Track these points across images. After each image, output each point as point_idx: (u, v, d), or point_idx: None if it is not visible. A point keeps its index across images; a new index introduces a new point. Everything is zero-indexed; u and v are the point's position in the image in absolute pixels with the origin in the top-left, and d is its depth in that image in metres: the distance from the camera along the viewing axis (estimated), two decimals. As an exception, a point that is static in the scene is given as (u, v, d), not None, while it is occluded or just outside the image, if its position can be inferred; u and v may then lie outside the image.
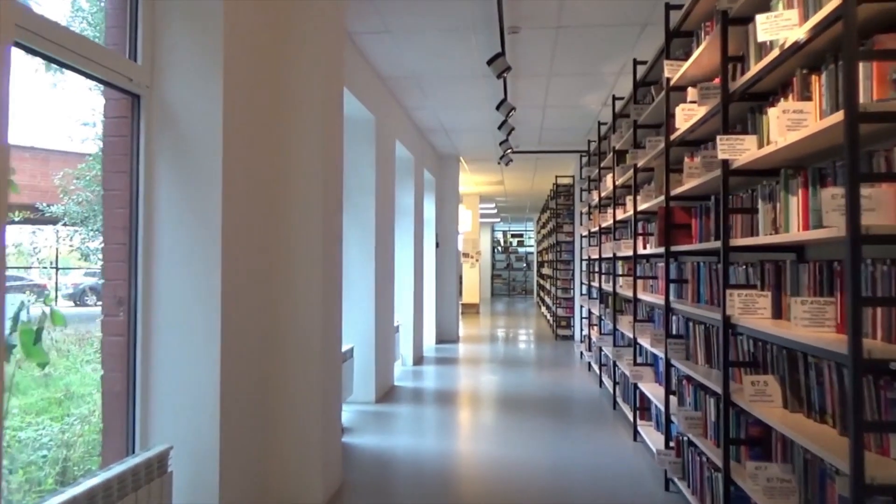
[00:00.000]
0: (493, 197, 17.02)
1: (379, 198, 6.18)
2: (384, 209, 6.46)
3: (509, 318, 15.83)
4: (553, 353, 9.49)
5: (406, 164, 8.21)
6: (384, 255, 6.46)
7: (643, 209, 4.68)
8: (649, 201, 4.45)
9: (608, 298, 6.29)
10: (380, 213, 6.23)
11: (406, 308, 8.19)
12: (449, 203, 10.82)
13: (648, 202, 4.48)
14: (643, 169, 4.77)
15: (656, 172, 4.19)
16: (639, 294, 4.87)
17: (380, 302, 6.21)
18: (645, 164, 4.65)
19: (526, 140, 9.21)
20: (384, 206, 6.45)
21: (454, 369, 8.03)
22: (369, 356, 5.98)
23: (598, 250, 7.03)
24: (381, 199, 6.26)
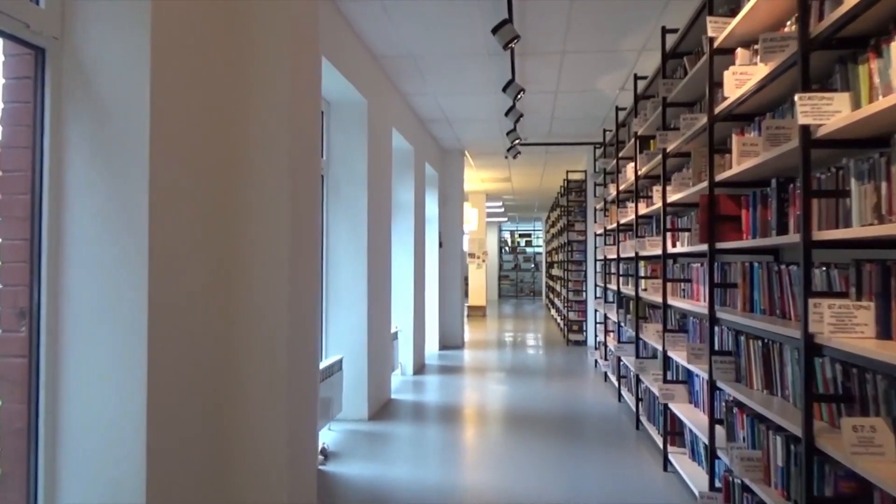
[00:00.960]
0: (500, 195, 16.36)
1: (373, 191, 5.54)
2: (379, 204, 5.81)
3: (517, 321, 15.17)
4: (565, 360, 8.82)
5: (405, 157, 7.57)
6: (380, 254, 5.82)
7: (674, 201, 4.01)
8: (682, 191, 3.79)
9: (629, 303, 5.63)
10: (374, 208, 5.59)
11: (405, 313, 7.54)
12: (453, 200, 10.18)
13: (681, 192, 3.82)
14: (674, 154, 4.10)
15: (694, 157, 3.53)
16: (669, 299, 4.20)
17: (374, 306, 5.57)
18: (676, 149, 3.99)
19: (535, 131, 8.55)
20: (379, 201, 5.81)
21: (458, 379, 7.38)
22: (361, 367, 5.33)
23: (616, 249, 6.36)
24: (375, 193, 5.61)
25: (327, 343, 5.30)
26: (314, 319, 3.33)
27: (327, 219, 5.33)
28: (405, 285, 7.53)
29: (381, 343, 5.91)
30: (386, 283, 6.13)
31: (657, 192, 4.48)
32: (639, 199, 5.21)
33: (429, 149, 8.79)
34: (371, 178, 5.47)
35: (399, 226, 7.54)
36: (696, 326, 3.90)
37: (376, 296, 5.67)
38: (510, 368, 8.23)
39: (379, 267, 5.78)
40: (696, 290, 3.95)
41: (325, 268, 5.30)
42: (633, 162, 5.35)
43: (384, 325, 6.04)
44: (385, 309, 6.09)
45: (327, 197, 5.33)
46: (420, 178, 8.09)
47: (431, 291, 9.47)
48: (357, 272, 5.31)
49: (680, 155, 4.10)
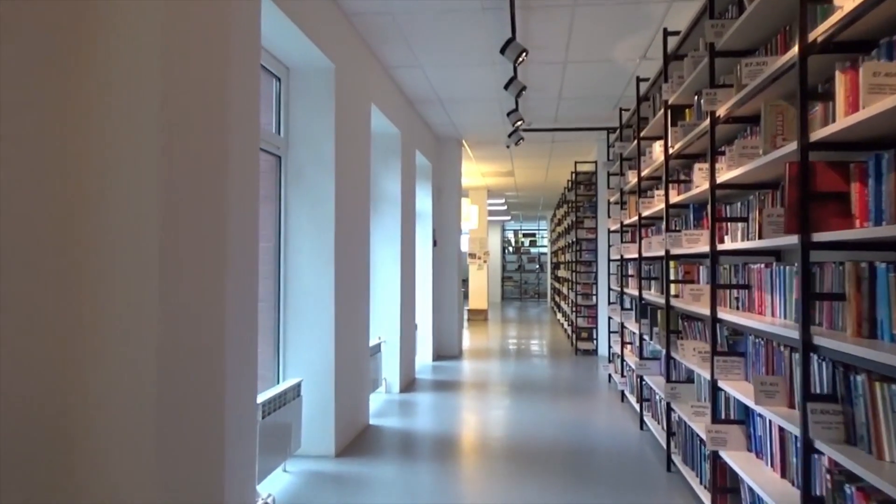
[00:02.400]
0: (503, 191, 15.35)
1: (344, 177, 4.55)
2: (353, 193, 4.82)
3: (521, 326, 14.16)
4: (573, 373, 7.81)
5: (390, 142, 6.57)
6: (353, 253, 4.82)
7: (729, 180, 3.01)
8: (743, 165, 2.79)
9: (655, 313, 4.62)
10: (345, 197, 4.60)
11: (391, 321, 6.54)
12: (449, 194, 9.17)
13: (741, 167, 2.82)
14: (727, 119, 3.10)
15: (766, 115, 2.52)
16: (720, 312, 3.19)
17: (345, 316, 4.57)
18: (729, 111, 2.98)
19: (540, 115, 7.55)
20: (353, 189, 4.82)
21: (451, 398, 6.37)
22: (326, 391, 4.33)
23: (637, 247, 5.36)
24: (347, 179, 4.62)
25: (284, 364, 4.30)
26: (219, 340, 2.34)
27: (285, 209, 4.33)
28: (390, 290, 6.53)
29: (356, 359, 4.91)
30: (362, 287, 5.13)
31: (700, 171, 3.46)
32: (670, 184, 4.20)
33: (420, 135, 7.79)
34: (341, 162, 4.48)
35: (383, 221, 6.54)
36: (759, 350, 2.89)
37: (348, 303, 4.68)
38: (512, 383, 7.22)
39: (352, 268, 4.79)
40: (760, 299, 2.94)
41: (283, 271, 4.31)
42: (662, 139, 4.34)
43: (359, 337, 5.04)
44: (361, 318, 5.10)
45: (285, 183, 4.34)
46: (409, 167, 7.09)
47: (424, 295, 8.48)
48: (322, 275, 4.31)
49: (736, 120, 3.10)
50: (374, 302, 6.49)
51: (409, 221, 7.14)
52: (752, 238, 2.99)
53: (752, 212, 3.04)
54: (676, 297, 4.24)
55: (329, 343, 4.31)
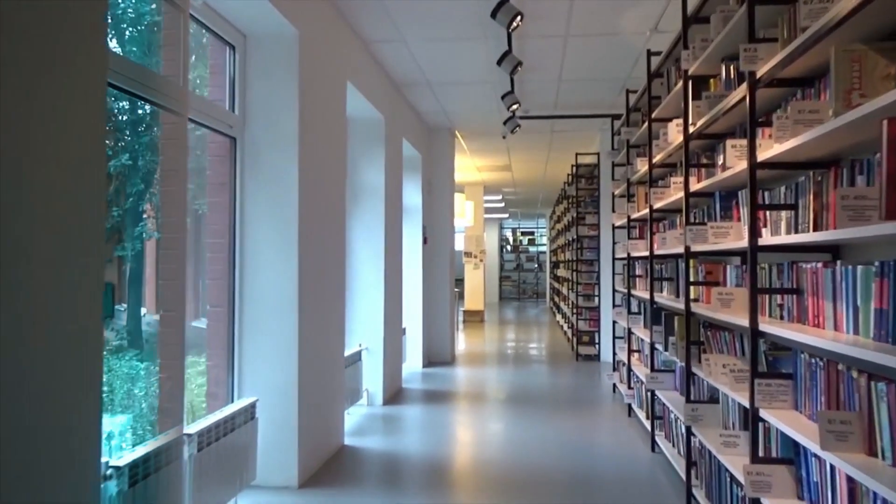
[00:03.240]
0: (500, 187, 14.73)
1: (310, 161, 3.93)
2: (323, 181, 4.21)
3: (519, 327, 13.54)
4: (575, 381, 7.19)
5: (372, 128, 5.95)
6: (324, 250, 4.21)
7: (773, 158, 2.40)
8: (798, 136, 2.17)
9: (671, 320, 3.99)
10: (312, 185, 3.98)
11: (373, 325, 5.92)
12: (441, 188, 8.55)
13: (793, 140, 2.20)
14: (772, 81, 2.49)
15: (837, 66, 1.89)
16: (764, 324, 2.56)
17: (313, 321, 3.96)
18: (774, 71, 2.37)
19: (538, 100, 6.93)
20: (324, 176, 4.20)
21: (439, 412, 5.75)
22: (288, 411, 3.70)
23: (647, 244, 4.74)
24: (314, 164, 4.01)
25: (240, 381, 3.67)
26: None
27: (241, 199, 3.70)
28: (372, 291, 5.91)
29: (327, 371, 4.29)
30: (336, 288, 4.51)
31: (734, 149, 2.83)
32: (690, 168, 3.59)
33: (408, 123, 7.16)
34: (307, 144, 3.86)
35: (364, 215, 5.92)
36: (816, 373, 2.27)
37: (317, 307, 4.06)
38: (509, 394, 6.60)
39: (323, 267, 4.17)
40: (815, 308, 2.33)
41: (238, 271, 3.68)
42: (680, 117, 3.72)
43: (332, 345, 4.42)
44: (334, 323, 4.48)
45: (241, 169, 3.71)
46: (395, 157, 6.47)
47: (413, 297, 7.86)
48: (283, 276, 3.69)
49: (783, 83, 2.49)
50: (354, 305, 5.87)
51: (395, 216, 6.52)
52: (804, 229, 2.37)
53: (802, 197, 2.42)
54: (696, 301, 3.62)
55: (291, 354, 3.68)
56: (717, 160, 3.37)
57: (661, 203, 4.27)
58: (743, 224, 2.94)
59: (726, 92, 3.07)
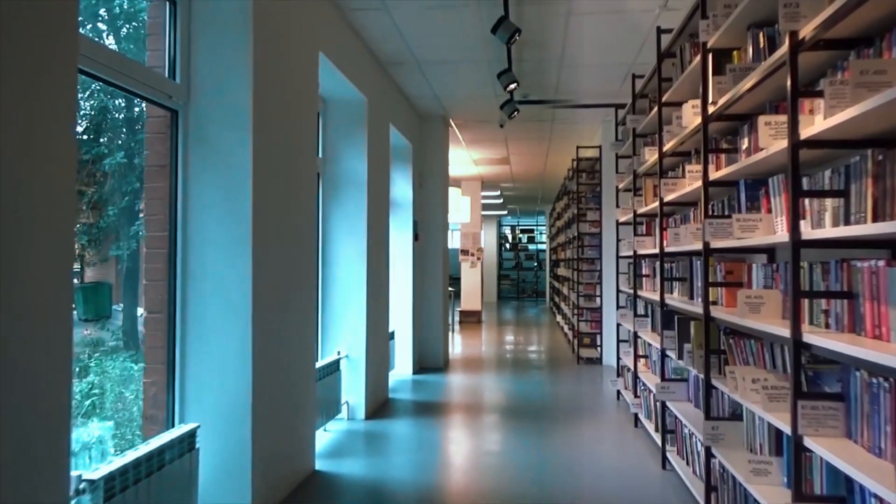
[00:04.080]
0: (498, 182, 14.26)
1: (265, 140, 3.46)
2: (287, 166, 3.73)
3: (518, 328, 13.07)
4: (576, 389, 6.73)
5: (352, 110, 5.47)
6: (288, 245, 3.74)
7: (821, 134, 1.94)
8: (860, 103, 1.71)
9: (686, 325, 3.52)
10: (271, 170, 3.51)
11: (355, 330, 5.45)
12: (434, 181, 8.08)
13: (849, 111, 1.74)
14: (818, 44, 2.02)
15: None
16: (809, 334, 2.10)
17: (270, 328, 3.49)
18: (814, 32, 1.91)
19: (538, 83, 6.45)
20: (286, 159, 3.73)
21: (430, 427, 5.29)
22: (239, 436, 3.21)
23: (656, 241, 4.28)
24: (272, 143, 3.53)
25: (182, 402, 3.19)
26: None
27: (183, 183, 3.22)
28: (353, 292, 5.43)
29: (292, 385, 3.81)
30: (304, 290, 4.04)
31: (768, 127, 2.36)
32: (710, 154, 3.12)
33: (396, 108, 6.69)
34: (264, 119, 3.38)
35: (343, 207, 5.45)
36: (879, 396, 1.81)
37: (278, 311, 3.59)
38: (506, 404, 6.14)
39: (286, 264, 3.70)
40: (873, 316, 1.86)
41: (180, 269, 3.20)
42: (697, 98, 3.25)
43: (299, 355, 3.94)
44: (302, 330, 4.00)
45: (184, 147, 3.22)
46: (380, 144, 5.99)
47: (402, 298, 7.39)
48: (233, 273, 3.20)
49: (830, 45, 2.03)
50: (333, 308, 5.40)
51: (381, 210, 6.05)
52: (859, 220, 1.91)
53: (856, 181, 1.95)
54: (715, 304, 3.16)
55: (244, 367, 3.20)
56: (741, 144, 2.90)
57: (673, 195, 3.80)
58: (775, 216, 2.47)
59: (754, 64, 2.61)
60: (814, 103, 2.24)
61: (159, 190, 3.26)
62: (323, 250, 5.42)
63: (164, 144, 3.25)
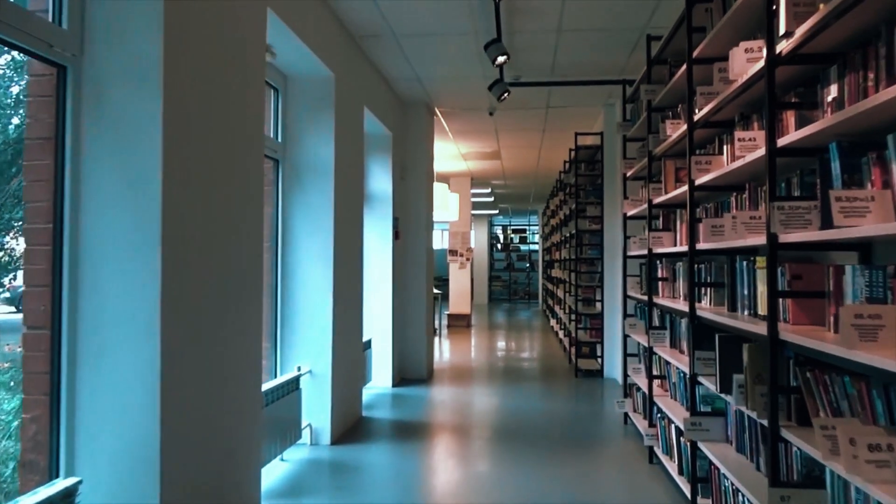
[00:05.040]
0: (488, 179, 13.44)
1: (189, 108, 2.63)
2: (224, 143, 2.89)
3: (509, 333, 12.24)
4: (575, 408, 5.91)
5: (317, 87, 4.64)
6: (225, 242, 2.90)
7: None
8: None
9: (733, 349, 2.69)
10: (202, 147, 2.68)
11: (319, 340, 4.61)
12: (417, 174, 7.24)
13: None
14: None
15: None
16: None
17: (190, 347, 2.65)
18: None
19: (533, 61, 5.64)
20: (221, 134, 2.89)
21: (406, 455, 4.45)
22: (145, 487, 2.37)
23: (679, 237, 3.48)
24: (201, 114, 2.70)
25: (70, 447, 2.35)
26: None
27: (75, 161, 2.37)
28: (317, 297, 4.59)
29: (226, 413, 2.97)
30: (246, 296, 3.19)
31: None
32: (780, 111, 2.30)
33: (372, 90, 5.85)
34: (179, 78, 2.54)
35: (306, 199, 4.61)
36: None
37: (208, 324, 2.75)
38: (495, 425, 5.31)
39: (215, 265, 2.85)
40: None
41: (69, 271, 2.36)
42: (753, 38, 2.43)
43: (239, 378, 3.10)
44: (245, 348, 3.16)
45: (77, 113, 2.38)
46: (351, 129, 5.16)
47: (381, 302, 6.56)
48: (137, 277, 2.37)
49: None
50: (293, 317, 4.57)
51: (354, 204, 5.21)
52: None
53: None
54: (787, 322, 2.34)
55: (149, 400, 2.36)
56: (824, 95, 2.09)
57: (709, 176, 2.99)
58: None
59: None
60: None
61: (42, 170, 2.42)
62: (283, 251, 4.58)
63: (50, 111, 2.40)
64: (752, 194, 2.72)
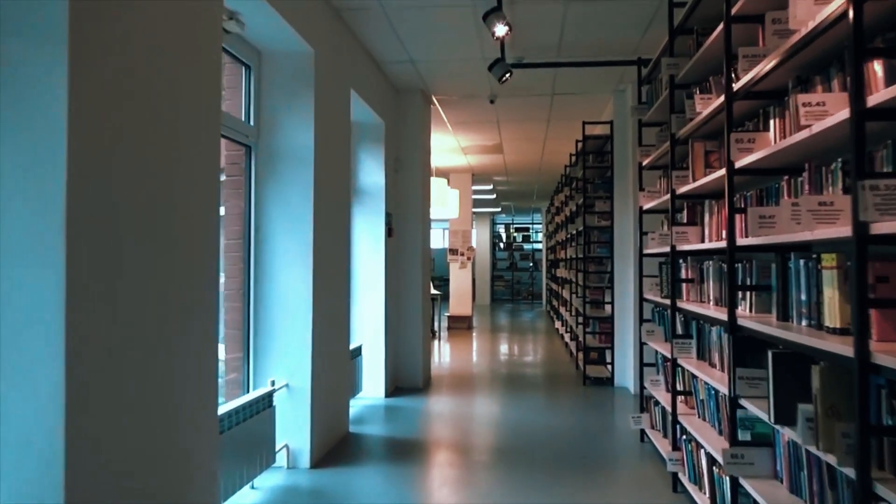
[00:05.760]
0: (490, 175, 12.90)
1: (111, 70, 2.11)
2: (161, 115, 2.37)
3: (512, 335, 11.70)
4: (586, 421, 5.37)
5: (294, 63, 4.11)
6: (164, 237, 2.37)
7: None
8: None
9: (801, 373, 2.16)
10: (130, 116, 2.16)
11: (297, 351, 4.08)
12: (412, 166, 6.71)
13: None
14: None
15: None
16: None
17: (116, 367, 2.13)
18: None
19: (537, 40, 5.11)
20: (158, 102, 2.36)
21: (394, 482, 3.92)
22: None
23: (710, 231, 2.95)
24: (130, 79, 2.17)
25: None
26: None
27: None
28: (295, 301, 4.06)
29: (169, 453, 2.44)
30: (202, 309, 2.65)
31: None
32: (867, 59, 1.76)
33: (359, 72, 5.32)
34: (94, 30, 2.02)
35: (282, 190, 4.08)
36: None
37: (141, 339, 2.22)
38: (498, 444, 4.78)
39: (158, 274, 2.32)
40: None
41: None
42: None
43: (188, 402, 2.56)
44: (197, 366, 2.62)
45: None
46: (335, 112, 4.63)
47: (373, 305, 6.03)
48: (36, 282, 1.85)
49: None
50: (268, 325, 4.05)
51: (339, 197, 4.67)
52: None
53: None
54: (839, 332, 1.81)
55: (51, 444, 1.84)
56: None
57: (753, 157, 2.46)
58: None
59: None
60: None
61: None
62: (256, 249, 4.06)
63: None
64: (812, 177, 2.18)
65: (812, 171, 2.18)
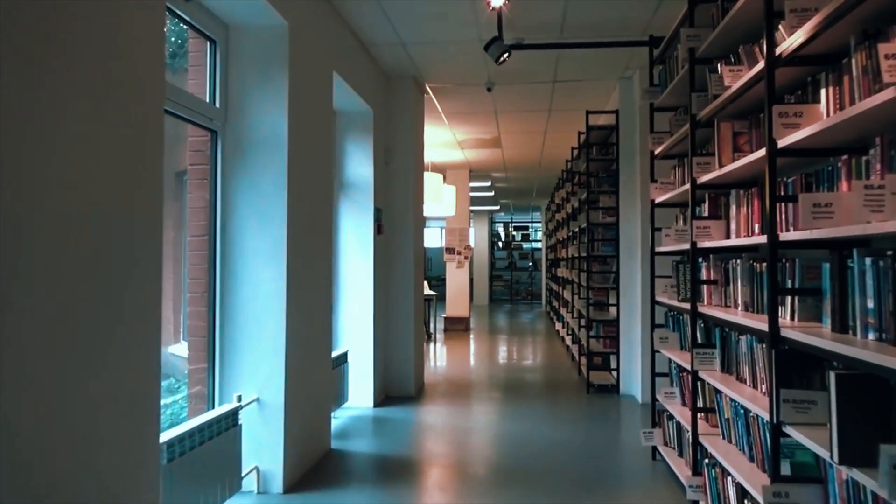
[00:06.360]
0: (488, 171, 12.46)
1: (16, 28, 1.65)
2: (96, 94, 1.91)
3: (511, 338, 11.25)
4: (591, 435, 4.92)
5: (265, 42, 3.66)
6: (107, 237, 1.92)
7: None
8: None
9: (880, 403, 1.72)
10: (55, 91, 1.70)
11: (271, 361, 3.63)
12: (403, 159, 6.26)
13: None
14: None
15: None
16: None
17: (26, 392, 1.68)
18: None
19: (538, 18, 4.66)
20: (92, 80, 1.91)
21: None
22: None
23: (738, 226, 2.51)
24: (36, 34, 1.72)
25: None
26: None
27: None
28: (267, 305, 3.61)
29: (84, 489, 1.99)
30: (134, 307, 2.20)
31: None
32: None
33: (343, 53, 4.87)
34: None
35: (251, 182, 3.63)
36: None
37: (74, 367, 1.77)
38: (495, 461, 4.33)
39: (81, 280, 1.87)
40: None
41: None
42: None
43: (120, 428, 2.12)
44: (130, 379, 2.17)
45: None
46: (314, 95, 4.18)
47: (360, 307, 5.59)
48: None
49: None
50: (237, 334, 3.60)
51: (319, 189, 4.22)
52: None
53: None
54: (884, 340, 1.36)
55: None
56: None
57: (800, 134, 2.01)
58: None
59: None
60: None
61: None
62: (222, 247, 3.61)
63: None
64: (886, 153, 1.74)
65: (885, 146, 1.74)
